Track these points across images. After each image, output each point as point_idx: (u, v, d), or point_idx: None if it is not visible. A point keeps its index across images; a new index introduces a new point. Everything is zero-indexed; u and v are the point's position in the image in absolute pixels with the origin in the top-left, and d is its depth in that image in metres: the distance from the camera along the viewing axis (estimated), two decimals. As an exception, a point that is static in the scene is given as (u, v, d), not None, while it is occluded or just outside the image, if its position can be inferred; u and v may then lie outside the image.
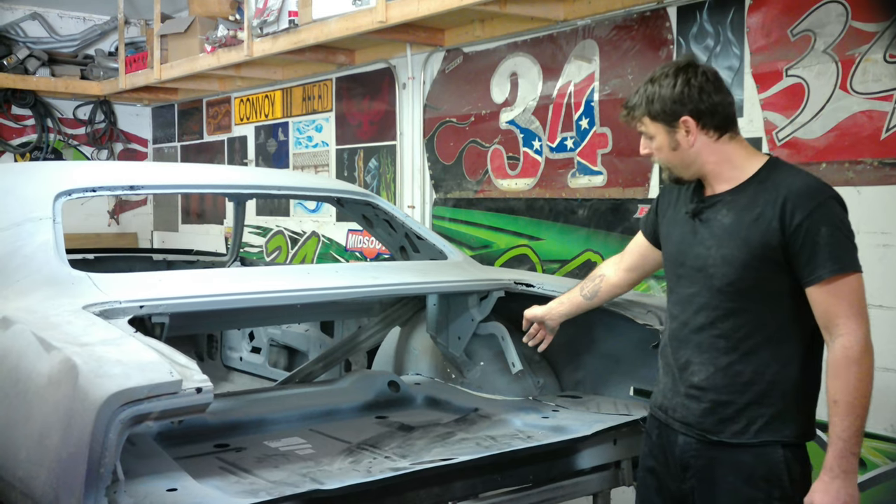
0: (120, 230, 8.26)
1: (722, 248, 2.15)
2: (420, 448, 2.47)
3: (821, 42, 3.33)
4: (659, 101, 2.16)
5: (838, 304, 2.04)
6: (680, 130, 2.16)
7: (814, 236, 2.03)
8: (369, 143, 5.72)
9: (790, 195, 2.06)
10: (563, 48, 4.38)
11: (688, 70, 2.16)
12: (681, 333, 2.24)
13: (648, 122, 2.20)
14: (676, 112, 2.14)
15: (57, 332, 1.98)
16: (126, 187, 2.97)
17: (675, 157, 2.21)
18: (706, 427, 2.18)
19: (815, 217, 2.03)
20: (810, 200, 2.05)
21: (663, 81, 2.17)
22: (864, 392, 2.04)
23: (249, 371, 4.51)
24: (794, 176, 2.12)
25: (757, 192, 2.13)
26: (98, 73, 7.62)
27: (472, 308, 3.15)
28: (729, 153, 2.18)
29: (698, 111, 2.14)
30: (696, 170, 2.21)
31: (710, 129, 2.16)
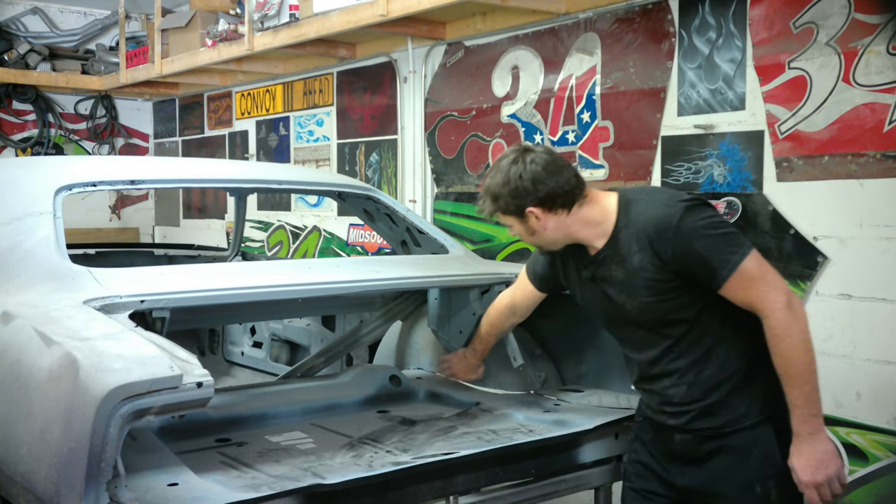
0: (121, 225, 8.26)
1: (632, 300, 2.26)
2: (422, 442, 2.47)
3: (823, 34, 3.32)
4: (503, 199, 2.27)
5: (749, 291, 2.13)
6: (530, 219, 2.27)
7: (691, 257, 2.14)
8: (370, 137, 5.71)
9: (650, 236, 2.18)
10: (564, 41, 4.36)
11: (518, 163, 2.25)
12: (647, 371, 2.35)
13: (501, 216, 2.33)
14: (520, 206, 2.25)
15: (58, 326, 1.97)
16: (126, 182, 2.96)
17: (536, 240, 2.35)
18: (701, 426, 2.27)
19: (682, 243, 2.14)
20: (668, 232, 2.15)
21: (497, 178, 2.27)
22: (802, 358, 2.10)
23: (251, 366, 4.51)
24: (644, 213, 2.22)
25: (625, 240, 2.24)
26: (99, 68, 7.61)
27: (473, 302, 3.15)
28: (585, 218, 2.29)
29: (539, 200, 2.24)
30: (562, 242, 2.35)
31: (557, 208, 2.26)
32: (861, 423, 3.25)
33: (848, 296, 3.27)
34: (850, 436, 3.28)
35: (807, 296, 3.38)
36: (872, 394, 3.22)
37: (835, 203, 3.30)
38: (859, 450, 3.26)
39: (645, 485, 2.41)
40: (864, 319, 3.23)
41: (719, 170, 3.67)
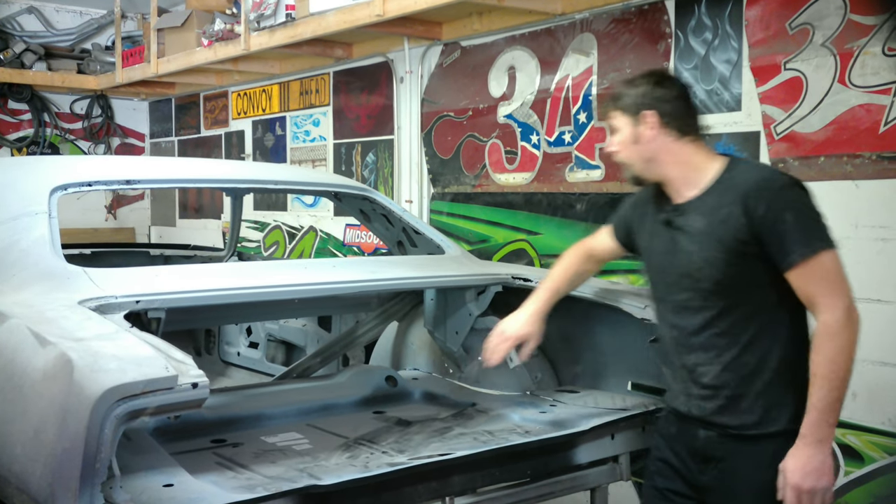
0: (117, 225, 8.25)
1: (702, 252, 2.23)
2: (418, 443, 2.47)
3: (819, 35, 3.32)
4: (627, 96, 2.33)
5: (815, 285, 2.11)
6: (641, 124, 2.29)
7: (779, 224, 2.12)
8: (367, 137, 5.71)
9: (750, 190, 2.16)
10: (560, 42, 4.37)
11: (662, 76, 2.38)
12: (683, 339, 2.30)
13: (618, 115, 2.35)
14: (640, 105, 2.29)
15: (52, 326, 1.97)
16: (122, 182, 2.95)
17: (635, 152, 2.33)
18: (725, 422, 2.23)
19: (777, 206, 2.12)
20: (769, 191, 2.14)
21: (638, 81, 2.35)
22: (842, 366, 2.09)
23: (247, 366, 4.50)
24: (751, 171, 2.24)
25: (721, 192, 2.23)
26: (95, 68, 7.59)
27: (469, 303, 3.15)
28: (688, 155, 2.29)
29: (662, 110, 2.28)
30: (655, 170, 2.33)
31: (671, 128, 2.28)
32: (857, 424, 3.25)
33: (844, 296, 3.27)
34: (845, 437, 3.28)
35: (802, 296, 3.38)
36: (868, 395, 3.22)
37: (830, 204, 3.27)
38: (855, 451, 3.26)
39: (667, 483, 2.37)
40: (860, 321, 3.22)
41: (715, 170, 3.67)
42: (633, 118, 2.31)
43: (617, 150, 2.37)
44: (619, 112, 2.35)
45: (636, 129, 2.31)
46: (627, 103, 2.32)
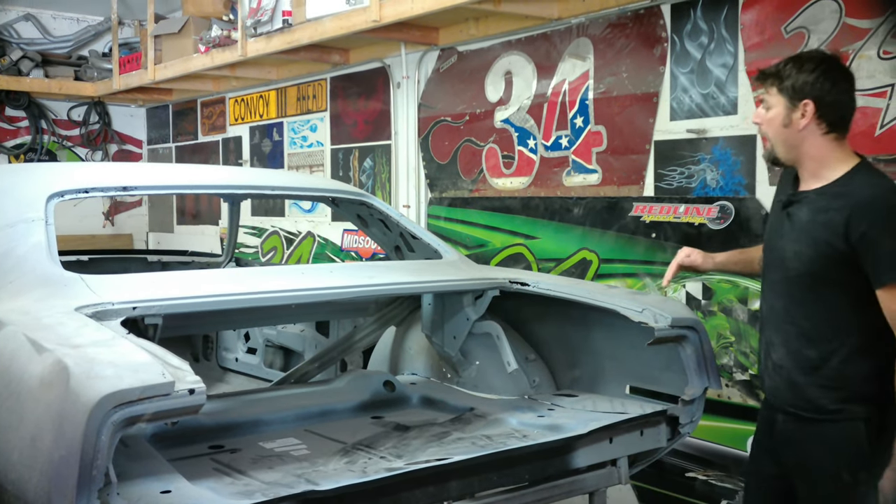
0: (115, 231, 8.25)
1: (796, 244, 2.35)
2: (416, 448, 2.46)
3: (815, 39, 3.33)
4: (795, 77, 2.32)
5: None
6: (798, 110, 2.32)
7: (876, 246, 2.20)
8: (364, 142, 5.71)
9: (857, 206, 2.24)
10: (557, 46, 4.37)
11: (832, 65, 2.34)
12: (768, 315, 2.48)
13: (775, 92, 2.36)
14: (803, 92, 2.30)
15: (49, 333, 1.97)
16: (119, 188, 2.95)
17: (781, 133, 2.37)
18: (791, 402, 2.38)
19: (878, 228, 2.21)
20: (873, 212, 2.22)
21: (808, 65, 2.33)
22: None
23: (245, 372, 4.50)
24: (867, 186, 2.29)
25: (834, 196, 2.30)
26: (92, 74, 7.60)
27: (467, 307, 3.15)
28: (828, 151, 2.34)
29: (822, 101, 2.30)
30: (794, 155, 2.39)
31: (823, 121, 2.31)
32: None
33: (841, 299, 3.27)
34: None
35: (800, 299, 3.38)
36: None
37: (827, 207, 3.31)
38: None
39: (758, 464, 2.55)
40: (857, 323, 3.23)
41: (712, 174, 3.67)
42: (790, 101, 2.33)
43: (762, 125, 2.42)
44: (777, 90, 2.35)
45: (791, 113, 2.33)
46: (790, 85, 2.33)
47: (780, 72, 2.36)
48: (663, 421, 2.74)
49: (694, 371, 2.72)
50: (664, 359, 2.81)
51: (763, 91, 2.42)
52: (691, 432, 2.84)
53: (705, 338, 2.75)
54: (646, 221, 3.91)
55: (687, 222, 3.76)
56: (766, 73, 2.40)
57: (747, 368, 3.57)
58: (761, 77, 2.43)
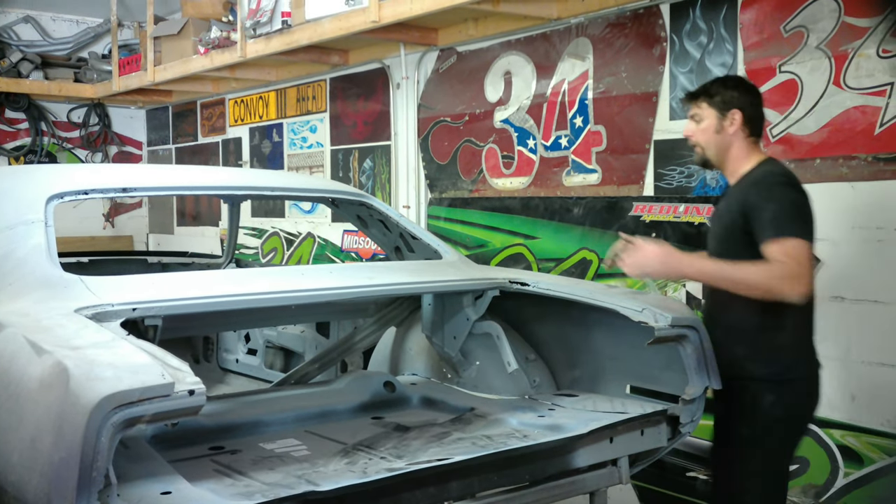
0: (115, 233, 8.25)
1: (715, 228, 2.88)
2: (416, 448, 2.46)
3: (814, 38, 3.33)
4: (721, 94, 2.82)
5: (771, 250, 2.58)
6: (727, 119, 2.79)
7: (762, 210, 2.63)
8: (364, 143, 5.71)
9: (752, 183, 2.72)
10: (556, 46, 4.37)
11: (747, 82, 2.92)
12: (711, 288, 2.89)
13: (706, 106, 2.83)
14: (730, 104, 2.80)
15: (48, 335, 1.97)
16: (118, 190, 2.95)
17: (713, 139, 2.83)
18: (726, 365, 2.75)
19: (762, 197, 2.66)
20: (761, 186, 2.69)
21: (729, 82, 2.88)
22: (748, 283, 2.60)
23: (245, 373, 4.50)
24: (763, 171, 2.75)
25: (742, 185, 2.77)
26: (92, 76, 7.60)
27: (467, 307, 3.15)
28: (747, 151, 2.82)
29: (745, 111, 2.80)
30: (723, 157, 2.84)
31: (747, 126, 2.80)
32: (855, 426, 3.25)
33: (841, 298, 3.28)
34: (844, 438, 3.28)
35: (800, 298, 3.38)
36: (867, 396, 3.22)
37: (827, 206, 3.30)
38: (854, 452, 3.26)
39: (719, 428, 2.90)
40: (858, 322, 3.23)
41: (711, 174, 3.67)
42: (720, 112, 2.80)
43: (695, 135, 2.86)
44: (707, 104, 2.83)
45: (722, 121, 2.80)
46: (720, 99, 2.81)
47: (708, 90, 2.84)
48: (664, 420, 2.74)
49: (694, 370, 2.72)
50: (664, 358, 2.80)
51: (692, 108, 2.87)
52: (692, 432, 2.84)
53: (705, 337, 2.75)
54: (646, 221, 3.91)
55: (687, 222, 3.76)
56: (696, 93, 2.88)
57: (748, 368, 3.57)
58: (691, 97, 2.89)
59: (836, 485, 3.30)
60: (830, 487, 3.32)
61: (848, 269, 3.26)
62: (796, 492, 3.41)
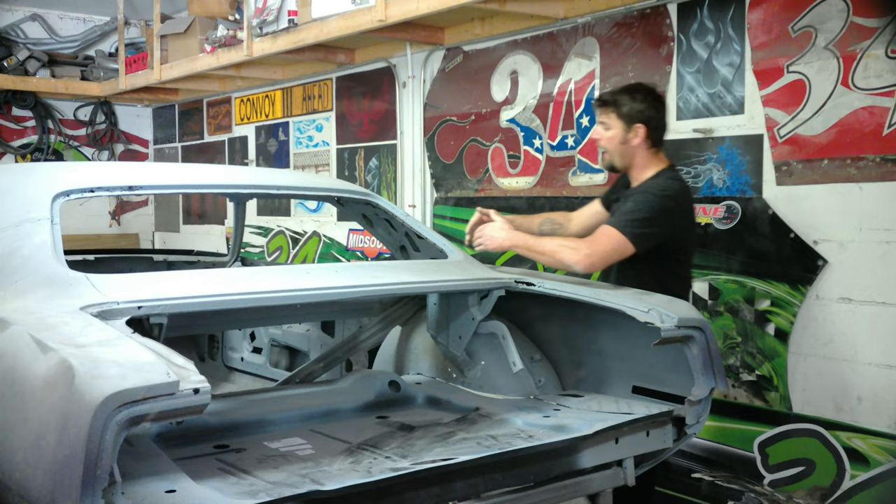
0: (121, 231, 8.26)
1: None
2: (421, 448, 2.45)
3: (822, 38, 3.31)
4: (627, 107, 3.07)
5: (601, 233, 2.99)
6: (632, 132, 3.07)
7: (622, 205, 3.04)
8: (370, 142, 5.71)
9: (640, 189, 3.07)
10: (563, 46, 4.36)
11: (655, 93, 3.14)
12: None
13: (614, 116, 3.09)
14: (636, 118, 3.06)
15: (53, 333, 1.96)
16: (125, 188, 2.95)
17: (618, 149, 3.13)
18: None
19: (632, 198, 3.03)
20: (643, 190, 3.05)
21: (639, 96, 3.08)
22: (542, 250, 3.03)
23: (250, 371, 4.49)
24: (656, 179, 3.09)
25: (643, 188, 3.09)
26: (98, 74, 7.61)
27: (472, 307, 3.14)
28: (649, 161, 3.13)
29: (649, 125, 3.07)
30: (627, 164, 3.15)
31: (649, 139, 3.09)
32: (862, 428, 3.24)
33: (848, 299, 3.26)
34: (850, 440, 3.27)
35: (807, 300, 3.37)
36: (873, 398, 3.21)
37: (834, 207, 3.30)
38: (860, 454, 3.24)
39: None
40: (865, 323, 3.22)
41: (718, 174, 3.66)
42: (626, 124, 3.07)
43: (601, 141, 3.16)
44: (616, 116, 3.08)
45: (626, 134, 3.08)
46: (626, 112, 3.06)
47: (616, 101, 3.08)
48: (669, 422, 2.73)
49: (700, 371, 2.71)
50: (670, 359, 2.79)
51: (601, 114, 3.12)
52: (698, 433, 2.83)
53: (711, 338, 2.74)
54: (652, 221, 3.89)
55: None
56: (605, 101, 3.11)
57: (754, 369, 3.56)
58: (601, 104, 3.12)
59: (843, 487, 3.29)
60: (837, 489, 3.30)
61: (855, 270, 3.25)
62: (802, 494, 3.40)
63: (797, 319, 3.41)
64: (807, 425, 3.41)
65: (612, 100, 3.09)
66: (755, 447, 3.56)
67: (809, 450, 3.40)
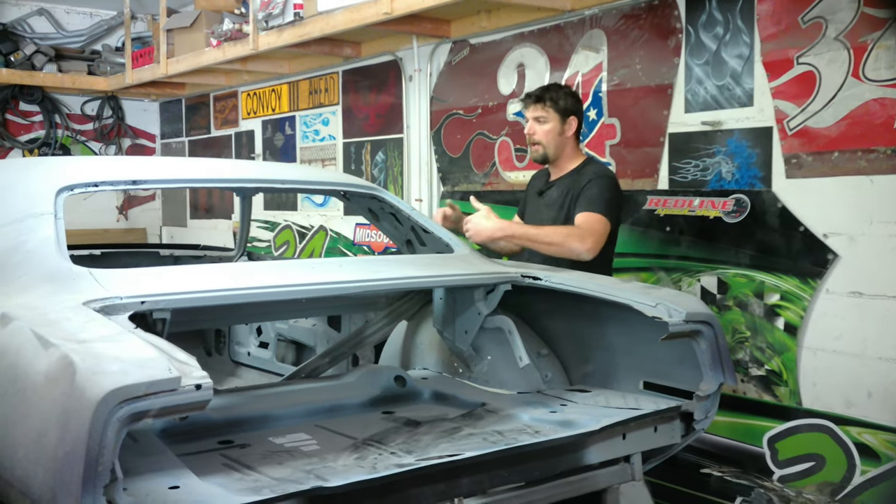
0: (128, 226, 8.27)
1: (551, 214, 3.48)
2: (426, 444, 2.44)
3: (832, 29, 3.27)
4: (562, 101, 3.46)
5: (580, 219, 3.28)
6: (566, 123, 3.47)
7: (585, 192, 3.33)
8: (376, 136, 5.69)
9: (585, 175, 3.41)
10: (570, 38, 4.33)
11: (577, 93, 3.66)
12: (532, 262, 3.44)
13: (552, 110, 3.44)
14: (569, 111, 3.47)
15: (55, 328, 1.95)
16: (128, 182, 2.93)
17: (555, 140, 3.48)
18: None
19: (592, 184, 3.35)
20: (594, 176, 3.39)
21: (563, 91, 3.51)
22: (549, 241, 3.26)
23: (257, 366, 4.49)
24: (595, 169, 3.47)
25: (573, 178, 3.46)
26: (105, 69, 7.61)
27: (478, 302, 3.12)
28: (574, 150, 3.55)
29: (579, 117, 3.51)
30: (558, 154, 3.50)
31: (578, 131, 3.52)
32: (872, 423, 3.21)
33: (858, 293, 3.23)
34: (861, 436, 3.24)
35: (817, 294, 3.34)
36: (884, 393, 3.18)
37: (844, 200, 3.26)
38: (871, 450, 3.22)
39: None
40: (875, 317, 3.18)
41: (727, 167, 3.63)
42: (562, 117, 3.45)
43: (536, 135, 3.47)
44: (553, 110, 3.43)
45: (562, 125, 3.45)
46: (562, 106, 3.44)
47: (553, 96, 3.42)
48: (677, 417, 2.71)
49: (709, 366, 2.68)
50: (678, 354, 2.77)
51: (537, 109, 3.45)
52: (706, 428, 2.81)
53: (720, 332, 2.71)
54: (660, 215, 3.87)
55: (702, 216, 3.72)
56: (541, 97, 3.45)
57: (763, 364, 3.53)
58: (537, 99, 3.45)
59: (853, 482, 3.26)
60: (847, 485, 3.28)
61: (866, 264, 3.21)
62: (812, 490, 3.37)
63: (807, 314, 3.38)
64: (817, 420, 3.38)
65: (547, 95, 3.43)
66: (764, 442, 3.54)
67: (819, 445, 3.37)
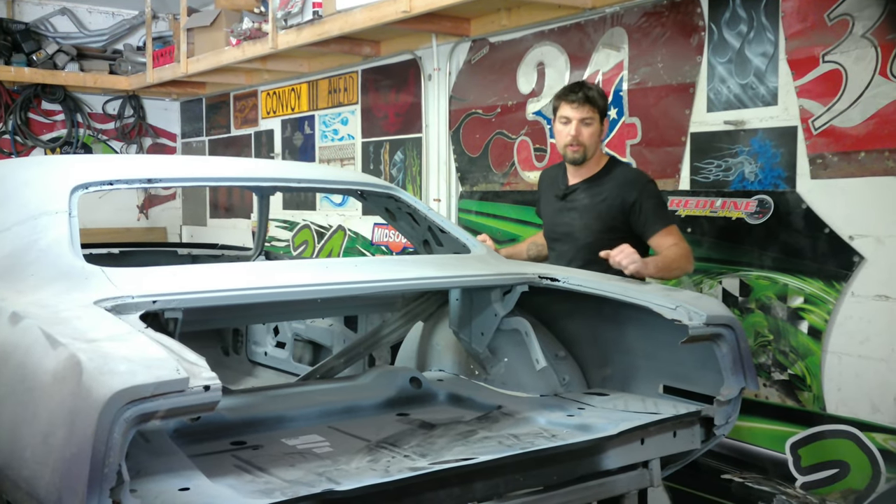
0: (149, 225, 8.29)
1: (583, 220, 3.38)
2: (441, 447, 2.40)
3: (859, 26, 3.20)
4: (601, 102, 3.39)
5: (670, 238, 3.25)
6: (604, 123, 3.43)
7: (644, 208, 3.26)
8: (395, 135, 5.66)
9: (624, 183, 3.33)
10: (590, 36, 4.28)
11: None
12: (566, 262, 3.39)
13: (595, 114, 3.36)
14: (606, 112, 3.44)
15: (65, 327, 1.93)
16: (144, 180, 2.92)
17: (594, 143, 3.39)
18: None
19: (644, 197, 3.27)
20: (637, 184, 3.31)
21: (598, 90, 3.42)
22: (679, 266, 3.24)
23: (274, 366, 4.47)
24: (625, 170, 3.45)
25: (602, 181, 3.38)
26: (126, 68, 7.64)
27: (495, 303, 3.07)
28: (601, 152, 3.50)
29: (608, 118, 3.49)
30: (592, 155, 3.40)
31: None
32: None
33: (885, 297, 3.16)
34: (887, 442, 3.17)
35: (842, 297, 3.27)
36: (911, 399, 3.11)
37: (871, 201, 3.19)
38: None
39: None
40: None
41: (750, 167, 3.56)
42: (601, 118, 3.38)
43: (584, 137, 3.35)
44: (596, 112, 3.35)
45: (602, 126, 3.40)
46: (603, 106, 3.39)
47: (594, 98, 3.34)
48: (697, 422, 2.65)
49: (730, 370, 2.63)
50: (699, 358, 2.72)
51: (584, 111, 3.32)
52: (727, 434, 2.75)
53: (742, 336, 2.66)
54: (681, 216, 3.81)
55: (724, 217, 3.65)
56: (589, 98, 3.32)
57: (786, 368, 3.46)
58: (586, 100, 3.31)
59: (878, 490, 3.18)
60: (871, 493, 3.20)
61: (893, 266, 3.14)
62: (836, 497, 3.30)
63: (832, 317, 3.31)
64: (841, 426, 3.30)
65: (592, 96, 3.32)
66: (787, 448, 3.47)
67: (844, 451, 3.30)
